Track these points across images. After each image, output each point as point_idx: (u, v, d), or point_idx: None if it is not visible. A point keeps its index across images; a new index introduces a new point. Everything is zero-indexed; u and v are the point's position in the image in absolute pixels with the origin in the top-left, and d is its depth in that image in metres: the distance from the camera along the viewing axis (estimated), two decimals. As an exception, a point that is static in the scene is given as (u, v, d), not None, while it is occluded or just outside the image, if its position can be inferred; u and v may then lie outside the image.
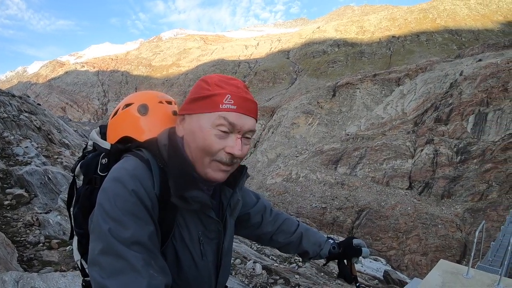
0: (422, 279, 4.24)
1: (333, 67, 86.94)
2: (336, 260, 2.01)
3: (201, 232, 1.37)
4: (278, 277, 6.23)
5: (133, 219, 1.13)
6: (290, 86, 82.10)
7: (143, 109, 1.53)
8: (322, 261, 6.83)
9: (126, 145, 1.38)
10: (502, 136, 33.46)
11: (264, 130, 56.56)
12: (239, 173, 1.48)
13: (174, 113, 1.58)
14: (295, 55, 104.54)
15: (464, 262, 23.13)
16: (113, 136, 1.51)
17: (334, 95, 57.87)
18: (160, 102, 1.58)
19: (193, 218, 1.34)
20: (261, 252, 8.40)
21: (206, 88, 1.27)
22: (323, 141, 47.29)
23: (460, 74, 45.02)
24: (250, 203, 1.77)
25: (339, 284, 7.29)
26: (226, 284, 1.65)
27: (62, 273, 3.88)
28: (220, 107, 1.24)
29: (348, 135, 44.84)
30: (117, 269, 1.07)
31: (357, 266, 12.03)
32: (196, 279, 1.37)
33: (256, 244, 8.74)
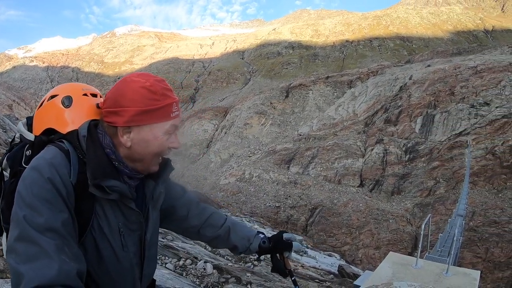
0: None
1: (287, 68, 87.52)
2: (270, 255, 2.01)
3: (122, 223, 1.38)
4: (229, 276, 6.12)
5: (47, 206, 1.16)
6: (243, 87, 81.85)
7: (67, 101, 1.52)
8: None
9: (49, 137, 1.40)
10: (448, 136, 34.62)
11: (217, 130, 55.90)
12: (162, 165, 1.50)
13: (98, 106, 1.54)
14: (250, 56, 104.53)
15: (415, 253, 23.49)
16: (38, 127, 1.51)
17: (287, 96, 58.09)
18: (85, 94, 1.57)
19: (113, 209, 1.35)
20: (216, 253, 8.19)
21: (156, 99, 1.32)
22: (276, 141, 47.20)
23: (410, 78, 46.31)
24: (175, 196, 1.77)
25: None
26: (155, 278, 1.71)
27: (6, 279, 3.59)
28: (171, 116, 1.36)
29: (300, 135, 44.93)
30: (31, 255, 1.10)
31: (312, 262, 12.13)
32: (118, 271, 1.39)
33: None
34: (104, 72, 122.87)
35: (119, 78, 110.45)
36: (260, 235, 2.00)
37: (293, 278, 2.00)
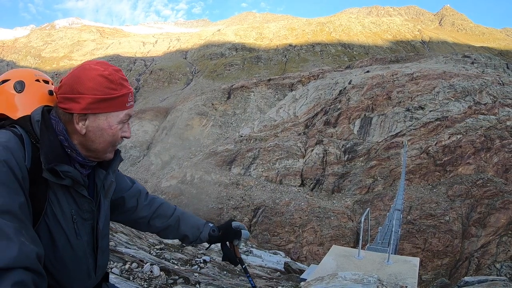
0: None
1: (229, 70, 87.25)
2: (220, 244, 2.05)
3: (74, 210, 1.37)
4: (177, 277, 5.96)
5: (4, 189, 1.14)
6: (185, 87, 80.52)
7: (20, 86, 1.50)
8: (221, 260, 7.28)
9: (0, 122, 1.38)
10: (385, 137, 36.00)
11: (157, 131, 54.45)
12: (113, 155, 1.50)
13: (50, 92, 1.54)
14: (193, 56, 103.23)
15: (357, 247, 24.26)
16: None
17: (229, 98, 58.06)
18: (37, 80, 1.55)
19: (65, 196, 1.34)
20: (161, 257, 7.79)
21: (113, 88, 1.33)
22: (217, 142, 46.81)
23: (349, 83, 47.70)
24: (124, 188, 1.77)
25: (241, 280, 7.00)
26: (108, 271, 1.72)
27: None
28: (126, 105, 1.38)
29: (241, 136, 44.77)
30: None
31: (258, 261, 12.13)
32: (72, 260, 1.38)
33: (155, 249, 8.28)
34: (41, 67, 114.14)
35: (56, 74, 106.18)
36: (209, 224, 2.06)
37: (243, 266, 2.06)
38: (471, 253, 23.58)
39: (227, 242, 2.04)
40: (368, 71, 53.52)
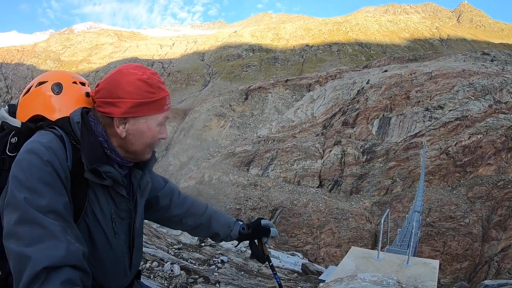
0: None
1: (246, 71, 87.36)
2: (248, 242, 2.06)
3: (113, 210, 1.39)
4: (197, 276, 6.02)
5: (48, 188, 1.15)
6: (203, 89, 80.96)
7: (57, 88, 1.51)
8: (241, 259, 7.92)
9: (37, 124, 1.39)
10: (404, 137, 35.55)
11: (176, 132, 54.84)
12: None
13: (87, 94, 1.55)
14: (210, 58, 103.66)
15: (375, 249, 23.97)
16: (24, 114, 1.48)
17: (246, 99, 58.22)
18: (74, 82, 1.56)
19: (105, 195, 1.36)
20: (179, 257, 7.83)
21: (152, 92, 1.35)
22: (235, 143, 46.94)
23: (367, 83, 47.24)
24: (158, 187, 1.81)
25: (259, 280, 6.97)
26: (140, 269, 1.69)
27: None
28: (164, 108, 1.41)
29: (259, 137, 44.88)
30: (35, 237, 1.07)
31: (276, 262, 11.87)
32: (111, 259, 1.40)
33: (173, 249, 8.29)
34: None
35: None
36: (239, 222, 2.07)
37: (271, 264, 2.11)
38: (491, 257, 22.98)
39: (256, 240, 2.07)
40: (386, 71, 53.00)
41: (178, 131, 54.76)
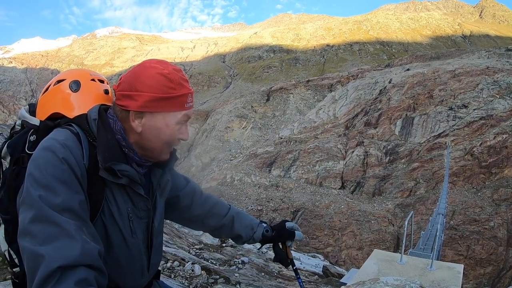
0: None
1: (268, 72, 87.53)
2: (271, 245, 2.00)
3: (130, 209, 1.37)
4: (218, 277, 6.03)
5: (64, 186, 1.14)
6: (224, 90, 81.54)
7: (75, 86, 1.51)
8: (261, 261, 7.79)
9: (55, 121, 1.38)
10: (428, 138, 34.99)
11: (198, 134, 55.41)
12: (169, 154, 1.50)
13: (106, 91, 1.56)
14: (231, 59, 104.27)
15: (398, 252, 23.73)
16: (43, 112, 1.48)
17: (268, 100, 58.25)
18: (92, 79, 1.56)
19: (122, 194, 1.34)
20: (200, 257, 7.85)
21: (172, 87, 1.30)
22: (257, 144, 47.08)
23: (389, 82, 46.73)
24: (179, 186, 1.77)
25: (279, 282, 6.97)
26: (159, 269, 1.67)
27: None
28: (185, 106, 1.34)
29: (281, 138, 44.78)
30: (50, 235, 1.06)
31: (296, 264, 11.80)
32: (127, 258, 1.38)
33: (194, 249, 8.29)
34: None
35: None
36: (263, 223, 2.01)
37: (294, 268, 2.00)
38: (516, 262, 22.34)
39: (279, 243, 2.00)
40: (408, 69, 52.25)
41: (200, 132, 55.22)
